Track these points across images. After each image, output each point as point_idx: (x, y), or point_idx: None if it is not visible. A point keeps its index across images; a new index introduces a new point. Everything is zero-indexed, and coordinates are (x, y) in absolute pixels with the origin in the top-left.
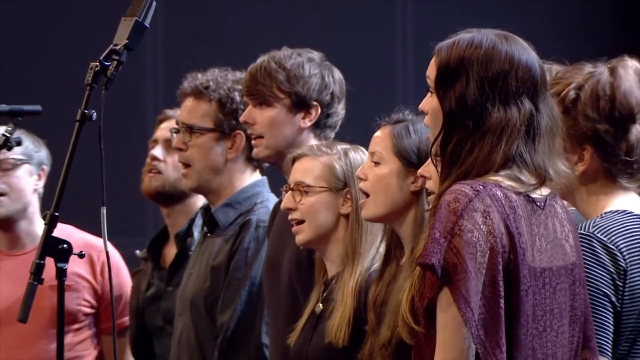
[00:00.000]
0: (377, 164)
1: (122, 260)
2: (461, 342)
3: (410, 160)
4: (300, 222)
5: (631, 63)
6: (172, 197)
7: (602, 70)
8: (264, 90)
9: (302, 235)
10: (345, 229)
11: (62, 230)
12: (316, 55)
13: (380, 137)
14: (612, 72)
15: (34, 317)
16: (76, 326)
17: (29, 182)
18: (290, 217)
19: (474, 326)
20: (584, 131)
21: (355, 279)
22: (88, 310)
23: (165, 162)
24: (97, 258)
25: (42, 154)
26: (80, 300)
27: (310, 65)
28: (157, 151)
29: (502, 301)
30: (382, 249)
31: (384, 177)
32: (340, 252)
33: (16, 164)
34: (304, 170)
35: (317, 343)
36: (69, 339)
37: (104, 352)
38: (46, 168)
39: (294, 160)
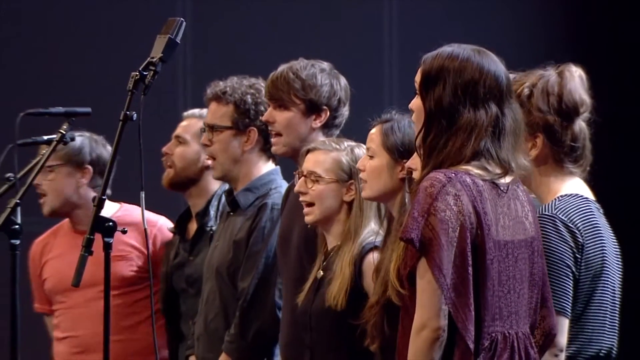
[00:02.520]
0: (371, 157)
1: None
2: (436, 302)
3: (397, 153)
4: (310, 204)
5: (575, 69)
6: (183, 183)
7: (551, 73)
8: (283, 96)
9: (311, 216)
10: (346, 212)
11: (126, 209)
12: (326, 65)
13: (374, 134)
14: (560, 74)
15: (97, 282)
16: (132, 288)
17: (68, 181)
18: (301, 199)
19: (446, 289)
20: (537, 121)
21: (352, 253)
22: (140, 275)
23: (172, 155)
24: (151, 231)
25: (83, 156)
26: (134, 267)
27: (322, 75)
28: (166, 147)
29: (470, 269)
30: (374, 228)
31: (377, 168)
32: (340, 230)
33: (52, 168)
34: (316, 162)
35: (319, 305)
36: (126, 298)
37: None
38: (89, 167)
39: (307, 151)
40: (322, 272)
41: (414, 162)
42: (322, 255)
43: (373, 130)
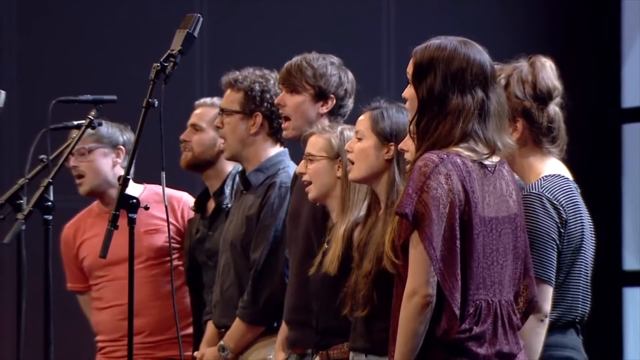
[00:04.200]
0: (360, 139)
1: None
2: (426, 272)
3: (385, 137)
4: (309, 182)
5: (545, 59)
6: (200, 165)
7: (523, 64)
8: (295, 82)
9: (311, 193)
10: (340, 188)
11: (150, 189)
12: (336, 59)
13: (363, 119)
14: (532, 64)
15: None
16: (167, 258)
17: (105, 161)
18: (302, 179)
19: (436, 260)
20: (515, 107)
21: (344, 226)
22: (174, 245)
23: (190, 142)
24: (177, 205)
25: (115, 137)
26: (167, 238)
27: (332, 67)
28: (184, 135)
29: (458, 242)
30: (366, 204)
31: (364, 149)
32: (337, 205)
33: (91, 149)
34: (312, 144)
35: (321, 273)
36: (162, 267)
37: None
38: (122, 147)
39: (308, 136)
40: (326, 245)
41: (407, 144)
42: (329, 230)
43: (362, 117)
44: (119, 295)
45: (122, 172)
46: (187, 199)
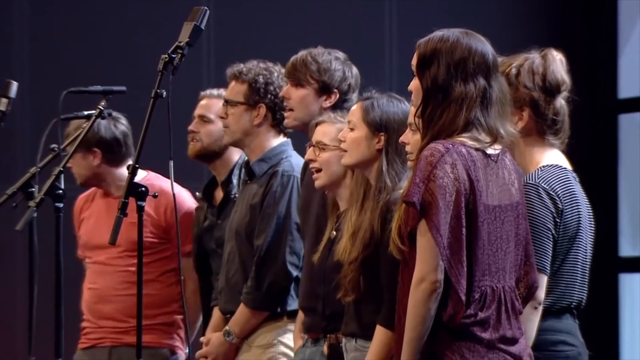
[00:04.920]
0: (352, 129)
1: (189, 198)
2: (434, 259)
3: (375, 127)
4: (319, 170)
5: (556, 53)
6: (209, 156)
7: (535, 55)
8: (300, 76)
9: (319, 180)
10: (351, 177)
11: (148, 179)
12: (341, 54)
13: (355, 109)
14: (544, 57)
15: (118, 244)
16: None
17: (82, 163)
18: (310, 166)
19: (442, 247)
20: (523, 97)
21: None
22: (151, 239)
23: (199, 133)
24: (165, 200)
25: (89, 140)
26: (146, 232)
27: (336, 62)
28: (192, 125)
29: (464, 230)
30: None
31: (356, 139)
32: (347, 194)
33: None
34: (323, 133)
35: (332, 260)
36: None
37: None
38: (97, 150)
39: (316, 124)
40: (334, 233)
41: (407, 137)
42: (335, 217)
43: (354, 107)
44: (96, 279)
45: (106, 169)
46: (179, 195)
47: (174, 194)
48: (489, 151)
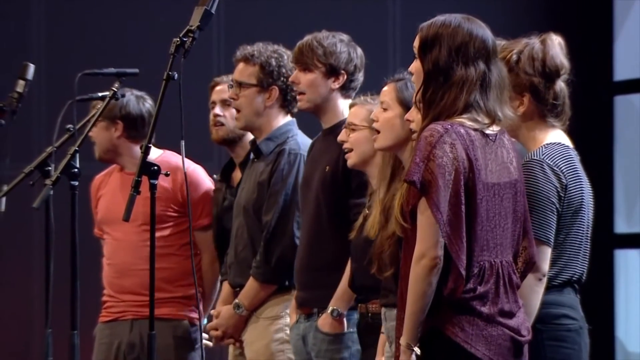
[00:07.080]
0: (385, 109)
1: (204, 174)
2: (434, 235)
3: (409, 107)
4: (350, 150)
5: (555, 37)
6: (234, 140)
7: (535, 41)
8: (307, 60)
9: (350, 160)
10: (381, 156)
11: (164, 157)
12: (345, 37)
13: (387, 90)
14: (543, 42)
15: (135, 218)
16: (160, 225)
17: (105, 134)
18: (343, 146)
19: (442, 224)
20: (524, 83)
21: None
22: (167, 213)
23: (224, 117)
24: (180, 176)
25: (115, 112)
26: (161, 206)
27: (341, 44)
28: (217, 110)
29: (463, 207)
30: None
31: (390, 119)
32: (377, 173)
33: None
34: (354, 114)
35: (362, 237)
36: (159, 233)
37: (196, 241)
38: (120, 122)
39: (350, 107)
40: (367, 211)
41: (412, 114)
42: (369, 196)
43: (386, 87)
44: (113, 255)
45: (125, 144)
46: (195, 171)
47: (185, 174)
48: (487, 131)
